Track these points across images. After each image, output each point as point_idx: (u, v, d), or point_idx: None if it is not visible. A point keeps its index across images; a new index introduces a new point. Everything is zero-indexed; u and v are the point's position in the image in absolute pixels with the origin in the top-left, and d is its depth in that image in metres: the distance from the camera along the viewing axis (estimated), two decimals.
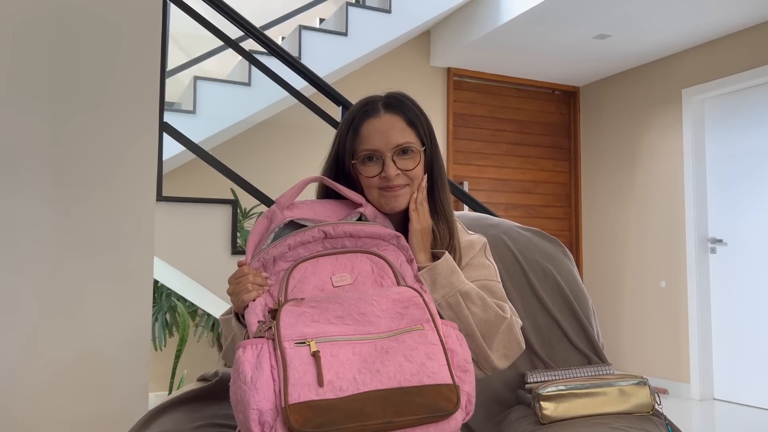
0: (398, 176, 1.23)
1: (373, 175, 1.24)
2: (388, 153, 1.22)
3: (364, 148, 1.24)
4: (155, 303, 3.49)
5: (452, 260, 1.21)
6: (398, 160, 1.23)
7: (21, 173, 1.98)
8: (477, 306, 1.19)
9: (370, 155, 1.24)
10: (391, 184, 1.23)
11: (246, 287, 1.09)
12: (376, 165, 1.24)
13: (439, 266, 1.19)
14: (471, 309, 1.18)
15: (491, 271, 1.31)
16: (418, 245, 1.23)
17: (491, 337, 1.20)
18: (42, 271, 1.99)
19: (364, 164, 1.24)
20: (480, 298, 1.20)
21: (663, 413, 1.35)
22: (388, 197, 1.24)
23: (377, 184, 1.24)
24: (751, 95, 4.43)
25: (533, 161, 5.54)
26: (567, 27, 4.30)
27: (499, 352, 1.21)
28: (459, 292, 1.18)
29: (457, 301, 1.17)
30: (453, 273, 1.19)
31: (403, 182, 1.24)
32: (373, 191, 1.25)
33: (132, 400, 2.08)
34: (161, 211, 2.40)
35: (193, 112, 3.62)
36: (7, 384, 1.92)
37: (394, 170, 1.22)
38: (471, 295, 1.19)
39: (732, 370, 4.43)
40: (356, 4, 4.12)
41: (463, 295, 1.18)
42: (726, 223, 4.55)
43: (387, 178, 1.22)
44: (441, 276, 1.18)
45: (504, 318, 1.20)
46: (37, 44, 2.02)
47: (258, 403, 0.92)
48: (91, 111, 2.08)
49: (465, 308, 1.18)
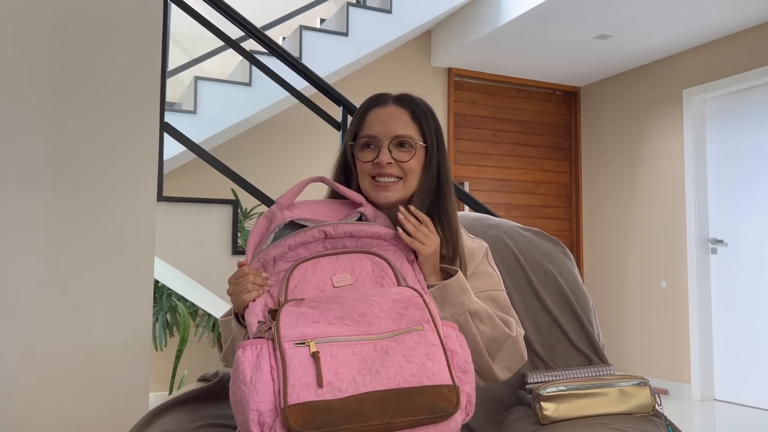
0: (390, 165, 1.23)
1: (368, 160, 1.24)
2: (385, 141, 1.23)
3: (364, 133, 1.26)
4: (156, 303, 3.49)
5: (464, 279, 1.19)
6: (394, 150, 1.24)
7: (22, 174, 1.98)
8: (485, 324, 1.19)
9: (368, 141, 1.25)
10: (382, 172, 1.23)
11: (246, 287, 1.09)
12: (372, 151, 1.24)
13: (450, 285, 1.17)
14: (479, 327, 1.19)
15: (495, 280, 1.31)
16: (429, 270, 1.19)
17: (496, 352, 1.21)
18: (43, 271, 1.99)
19: (361, 149, 1.26)
20: (488, 317, 1.20)
21: (663, 414, 1.35)
22: (377, 189, 1.24)
23: (369, 170, 1.24)
24: (752, 95, 4.43)
25: (534, 161, 5.53)
26: (568, 27, 4.30)
27: (502, 364, 1.22)
28: (468, 311, 1.18)
29: (466, 319, 1.17)
30: (464, 292, 1.18)
31: (395, 173, 1.24)
32: (365, 178, 1.26)
33: (133, 400, 2.08)
34: (162, 211, 2.40)
35: (194, 112, 3.62)
36: (9, 384, 1.93)
37: (387, 157, 1.22)
38: (480, 314, 1.19)
39: (733, 370, 4.43)
40: (357, 5, 4.12)
41: (472, 314, 1.18)
42: (727, 223, 4.55)
43: (379, 165, 1.22)
44: (451, 295, 1.17)
45: (510, 336, 1.21)
46: (37, 45, 2.02)
47: (257, 404, 0.92)
48: (92, 112, 2.08)
49: (473, 326, 1.18)
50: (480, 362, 1.19)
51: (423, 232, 1.18)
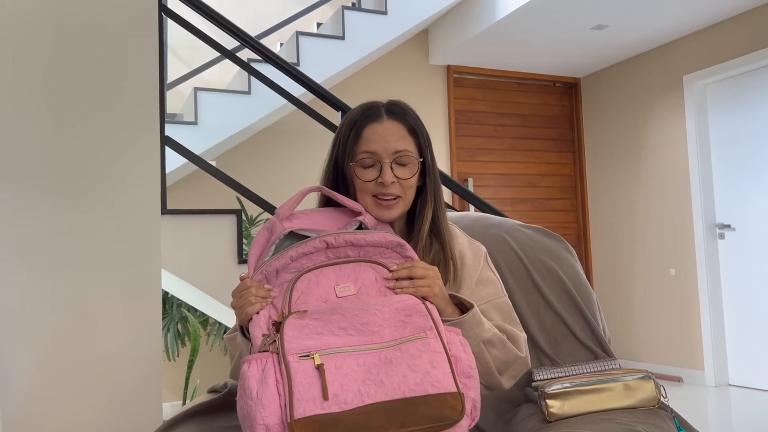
0: (393, 184, 1.24)
1: (370, 179, 1.24)
2: (386, 159, 1.23)
3: (363, 150, 1.25)
4: (166, 314, 3.51)
5: (479, 314, 1.19)
6: (395, 168, 1.24)
7: (27, 195, 2.00)
8: (498, 350, 1.22)
9: (369, 159, 1.24)
10: (385, 191, 1.24)
11: (249, 300, 1.09)
12: (374, 169, 1.24)
13: (465, 322, 1.17)
14: (492, 353, 1.21)
15: (498, 287, 1.32)
16: (442, 305, 1.17)
17: (506, 371, 1.25)
18: (53, 288, 2.01)
19: (362, 168, 1.25)
20: (500, 342, 1.22)
21: (669, 406, 1.36)
22: (381, 208, 1.25)
23: (372, 189, 1.25)
24: (752, 79, 4.41)
25: (537, 155, 5.53)
26: (564, 19, 4.30)
27: (508, 374, 1.26)
28: (482, 341, 1.19)
29: (480, 349, 1.19)
30: (478, 325, 1.18)
31: (396, 192, 1.25)
32: (366, 197, 1.26)
33: (146, 411, 2.10)
34: (166, 224, 2.42)
35: (195, 123, 3.64)
36: (23, 398, 1.95)
37: (390, 176, 1.23)
38: (493, 341, 1.21)
39: (746, 355, 4.41)
40: (352, 8, 4.12)
41: (485, 342, 1.20)
42: (733, 207, 4.53)
43: (383, 184, 1.23)
44: (466, 330, 1.17)
45: (520, 356, 1.24)
46: (34, 65, 2.04)
47: (264, 419, 0.92)
48: (92, 129, 2.10)
49: (486, 354, 1.20)
50: (490, 381, 1.23)
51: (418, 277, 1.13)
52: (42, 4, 2.06)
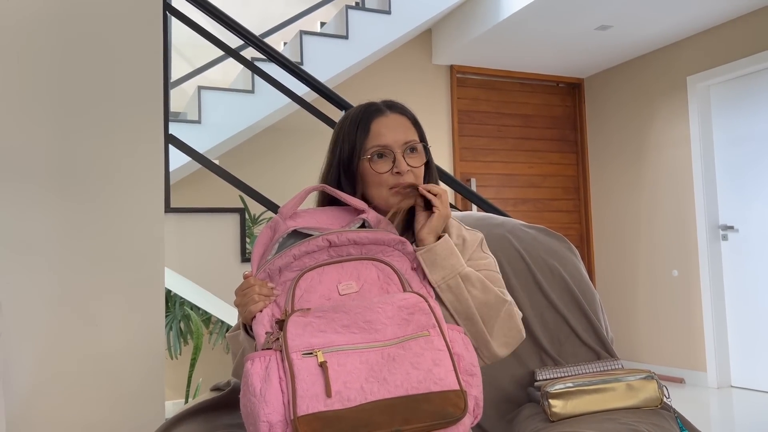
0: (408, 173, 1.25)
1: (385, 171, 1.25)
2: (398, 149, 1.25)
3: (374, 144, 1.26)
4: (169, 312, 3.52)
5: (451, 242, 1.22)
6: (407, 157, 1.26)
7: (31, 193, 2.01)
8: (477, 288, 1.19)
9: (381, 152, 1.26)
10: (402, 181, 1.25)
11: (252, 298, 1.10)
12: (387, 161, 1.26)
13: (437, 247, 1.19)
14: (471, 291, 1.19)
15: (490, 260, 1.32)
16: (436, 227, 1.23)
17: (491, 321, 1.19)
18: (56, 286, 2.02)
19: (375, 161, 1.26)
20: (480, 281, 1.20)
21: (672, 406, 1.36)
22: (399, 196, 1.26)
23: (387, 181, 1.25)
24: (756, 80, 4.40)
25: (540, 155, 5.52)
26: (568, 20, 4.29)
27: (500, 339, 1.20)
28: (459, 274, 1.18)
29: (457, 283, 1.18)
30: (452, 255, 1.20)
31: (411, 180, 1.26)
32: (383, 189, 1.26)
33: (149, 409, 2.10)
34: (170, 222, 2.43)
35: (199, 121, 3.64)
36: (25, 397, 1.96)
37: (405, 165, 1.25)
38: (471, 278, 1.20)
39: (748, 356, 4.41)
40: (356, 7, 4.12)
41: (463, 277, 1.19)
42: (736, 209, 4.52)
43: (400, 174, 1.24)
44: (440, 257, 1.18)
45: (505, 301, 1.21)
46: (38, 64, 2.05)
47: (267, 416, 0.93)
48: (97, 128, 2.11)
49: (465, 290, 1.18)
50: (476, 333, 1.18)
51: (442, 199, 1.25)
52: (46, 2, 2.06)
